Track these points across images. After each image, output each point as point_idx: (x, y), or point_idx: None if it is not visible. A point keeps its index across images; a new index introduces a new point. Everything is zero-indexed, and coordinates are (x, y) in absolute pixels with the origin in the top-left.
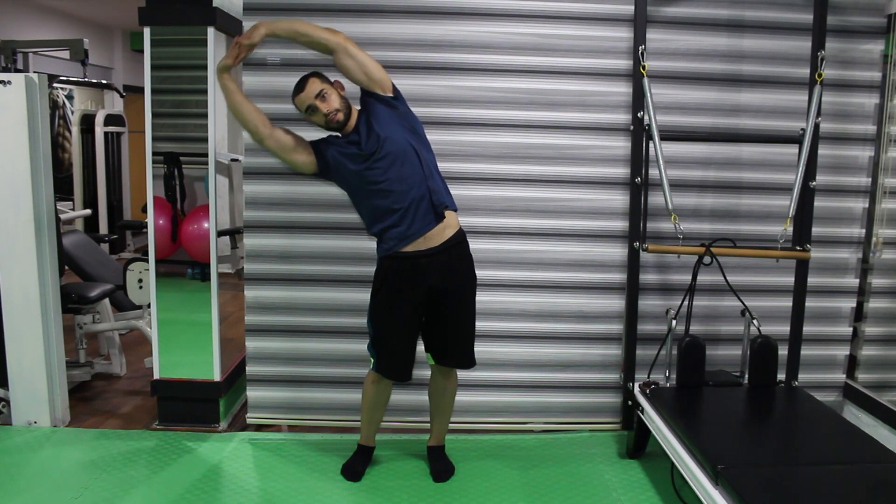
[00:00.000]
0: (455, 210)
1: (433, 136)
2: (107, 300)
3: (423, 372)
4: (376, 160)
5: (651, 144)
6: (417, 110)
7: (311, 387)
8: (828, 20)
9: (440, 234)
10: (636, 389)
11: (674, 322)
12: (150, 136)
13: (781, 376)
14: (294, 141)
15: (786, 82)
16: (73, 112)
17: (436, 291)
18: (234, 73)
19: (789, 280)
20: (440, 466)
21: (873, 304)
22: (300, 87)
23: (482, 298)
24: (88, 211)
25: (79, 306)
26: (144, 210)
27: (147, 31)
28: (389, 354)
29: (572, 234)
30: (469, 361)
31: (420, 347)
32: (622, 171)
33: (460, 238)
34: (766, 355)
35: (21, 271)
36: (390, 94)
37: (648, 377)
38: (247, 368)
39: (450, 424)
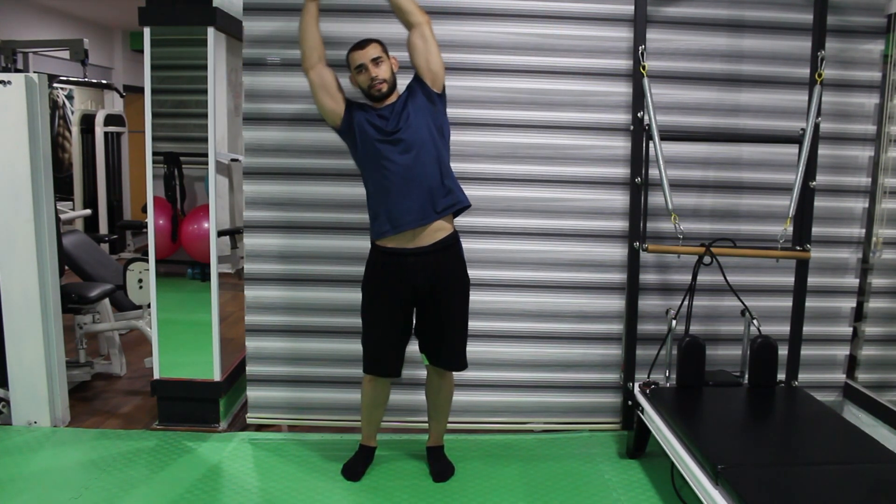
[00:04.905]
0: (468, 206)
1: None
2: (107, 300)
3: (421, 371)
4: (395, 141)
5: (651, 144)
6: None
7: (311, 387)
8: (828, 20)
9: (431, 235)
10: (636, 389)
11: (674, 322)
12: (150, 136)
13: (781, 376)
14: (334, 85)
15: (786, 82)
16: (73, 112)
17: (422, 291)
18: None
19: (789, 280)
20: (440, 467)
21: (873, 304)
22: (360, 45)
23: (483, 298)
24: (88, 211)
25: (79, 306)
26: (144, 210)
27: (147, 31)
28: (374, 351)
29: (572, 234)
30: (458, 364)
31: (415, 347)
32: (622, 171)
33: (451, 241)
34: (766, 355)
35: (21, 271)
36: (436, 91)
37: (648, 377)
38: (247, 368)
39: (450, 424)
